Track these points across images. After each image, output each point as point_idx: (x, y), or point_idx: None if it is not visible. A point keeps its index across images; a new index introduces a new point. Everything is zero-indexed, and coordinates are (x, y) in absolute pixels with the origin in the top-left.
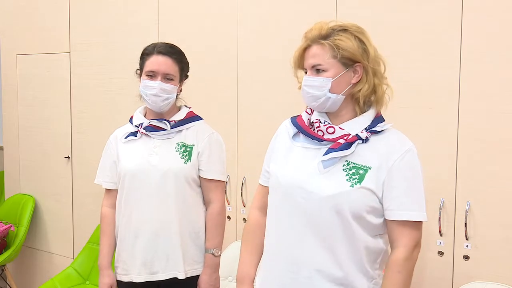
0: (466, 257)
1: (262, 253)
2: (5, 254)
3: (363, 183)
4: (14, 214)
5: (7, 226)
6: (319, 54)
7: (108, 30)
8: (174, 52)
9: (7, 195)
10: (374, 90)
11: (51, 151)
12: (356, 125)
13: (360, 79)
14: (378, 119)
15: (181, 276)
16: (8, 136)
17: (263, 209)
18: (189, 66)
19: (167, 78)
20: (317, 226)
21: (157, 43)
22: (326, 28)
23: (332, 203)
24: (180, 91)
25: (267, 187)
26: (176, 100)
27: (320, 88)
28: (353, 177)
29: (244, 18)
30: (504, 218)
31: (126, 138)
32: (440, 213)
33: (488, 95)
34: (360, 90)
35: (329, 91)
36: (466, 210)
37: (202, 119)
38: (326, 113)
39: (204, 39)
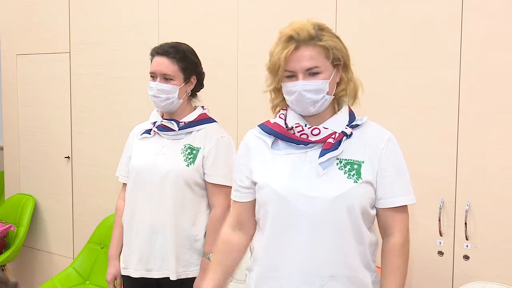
0: (466, 257)
1: (229, 272)
2: (5, 254)
3: (363, 177)
4: (14, 214)
5: (7, 226)
6: (314, 56)
7: (108, 30)
8: (173, 51)
9: (7, 195)
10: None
11: (51, 151)
12: (338, 122)
13: (341, 78)
14: (352, 113)
15: (173, 277)
16: (8, 136)
17: (237, 226)
18: (197, 64)
19: (165, 78)
20: (327, 229)
21: (162, 44)
22: (312, 29)
23: (343, 202)
24: (198, 90)
25: (243, 202)
26: (191, 100)
27: (318, 92)
28: (351, 173)
29: (244, 18)
30: (504, 218)
31: (141, 135)
32: (440, 213)
33: (488, 95)
34: (344, 89)
35: (326, 94)
36: (466, 210)
37: (215, 121)
38: (301, 115)
39: (204, 39)
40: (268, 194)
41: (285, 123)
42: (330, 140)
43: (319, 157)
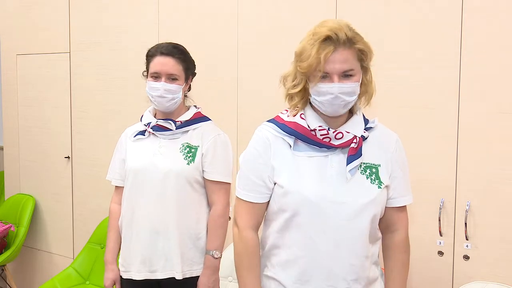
0: (466, 257)
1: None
2: (5, 254)
3: (383, 182)
4: (14, 214)
5: (7, 226)
6: (349, 59)
7: (108, 30)
8: (177, 52)
9: (7, 195)
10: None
11: (51, 151)
12: (356, 126)
13: (362, 80)
14: (364, 116)
15: (179, 276)
16: (8, 136)
17: (256, 228)
18: (195, 64)
19: (171, 78)
20: (352, 235)
21: (161, 43)
22: (349, 31)
23: (370, 209)
24: (189, 90)
25: (262, 203)
26: (184, 100)
27: (352, 94)
28: (372, 177)
29: (244, 18)
30: (504, 218)
31: (135, 136)
32: (440, 213)
33: (488, 95)
34: (365, 91)
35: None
36: (466, 210)
37: (210, 120)
38: (320, 117)
39: (204, 39)
40: (298, 200)
41: (308, 125)
42: (353, 145)
43: (347, 164)
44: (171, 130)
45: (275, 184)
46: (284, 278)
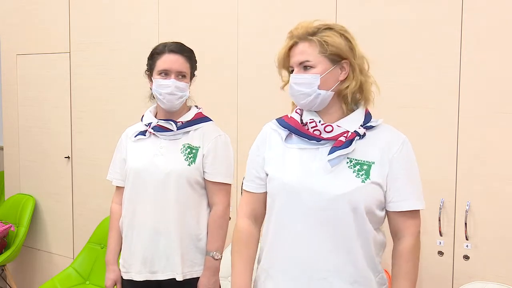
0: (466, 257)
1: (253, 264)
2: (5, 254)
3: (372, 178)
4: (14, 214)
5: (7, 226)
6: (306, 51)
7: (108, 30)
8: (184, 50)
9: (7, 195)
10: (361, 88)
11: (51, 151)
12: (352, 122)
13: (347, 76)
14: (368, 115)
15: (179, 277)
16: (8, 136)
17: (253, 217)
18: (197, 64)
19: (180, 75)
20: (331, 226)
21: (167, 42)
22: (312, 27)
23: (348, 200)
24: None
25: (258, 193)
26: (186, 100)
27: (309, 85)
28: (360, 173)
29: (244, 18)
30: (504, 218)
31: (135, 136)
32: (440, 213)
33: (488, 95)
34: (347, 87)
35: (318, 88)
36: (466, 210)
37: (211, 120)
38: (315, 112)
39: (204, 39)
40: (277, 186)
41: (301, 119)
42: (342, 138)
43: (328, 154)
44: (172, 130)
45: (267, 175)
46: (274, 271)
